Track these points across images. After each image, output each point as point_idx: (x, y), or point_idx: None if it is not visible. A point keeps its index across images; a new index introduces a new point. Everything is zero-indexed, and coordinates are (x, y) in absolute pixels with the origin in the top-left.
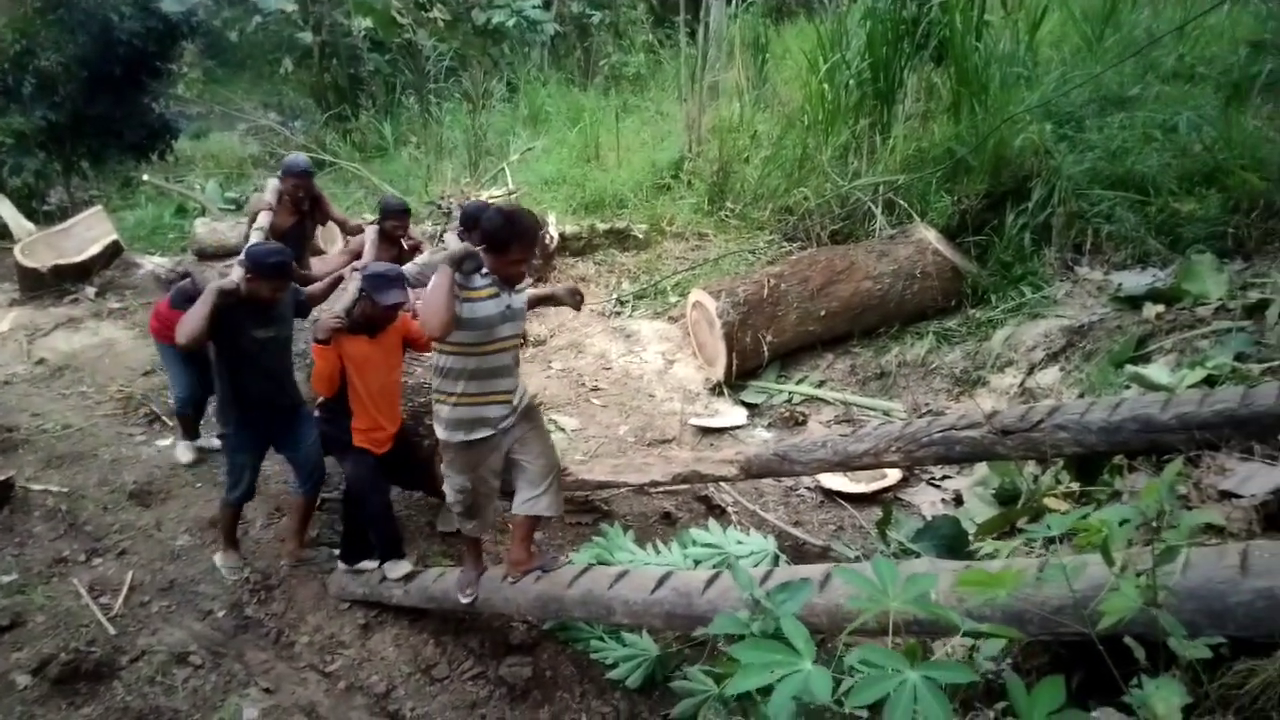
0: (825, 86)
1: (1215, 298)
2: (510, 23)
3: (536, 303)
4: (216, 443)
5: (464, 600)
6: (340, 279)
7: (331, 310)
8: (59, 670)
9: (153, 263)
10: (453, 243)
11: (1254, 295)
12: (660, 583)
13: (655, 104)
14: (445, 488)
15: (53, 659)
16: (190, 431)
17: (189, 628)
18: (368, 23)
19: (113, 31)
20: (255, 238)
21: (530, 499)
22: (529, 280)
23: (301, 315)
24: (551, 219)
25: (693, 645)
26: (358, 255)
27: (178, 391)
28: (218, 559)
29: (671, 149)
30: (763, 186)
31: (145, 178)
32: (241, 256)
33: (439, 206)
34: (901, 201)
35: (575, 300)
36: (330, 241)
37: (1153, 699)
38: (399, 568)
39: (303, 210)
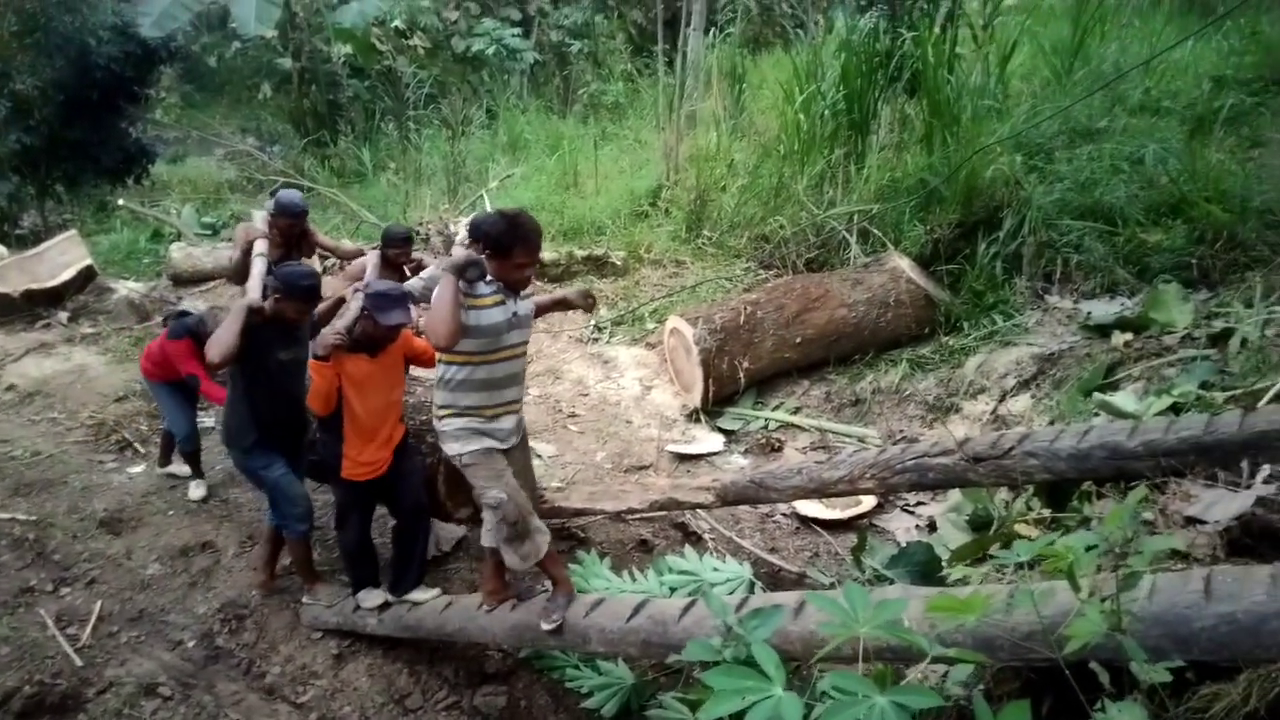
0: (801, 117)
1: (1181, 326)
2: (490, 51)
3: (547, 308)
4: (186, 469)
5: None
6: (342, 300)
7: (333, 327)
8: (23, 704)
9: (127, 288)
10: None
11: (1218, 324)
12: (636, 611)
13: (633, 132)
14: (485, 516)
15: (16, 692)
16: (197, 469)
17: (158, 658)
18: (348, 49)
19: (90, 56)
20: (258, 265)
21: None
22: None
23: (314, 336)
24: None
25: (669, 674)
26: (358, 279)
27: (178, 431)
28: (306, 599)
29: (649, 177)
30: (739, 215)
31: (121, 202)
32: (254, 281)
33: (417, 233)
34: (875, 230)
35: (588, 303)
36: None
37: None
38: (373, 597)
39: (291, 243)
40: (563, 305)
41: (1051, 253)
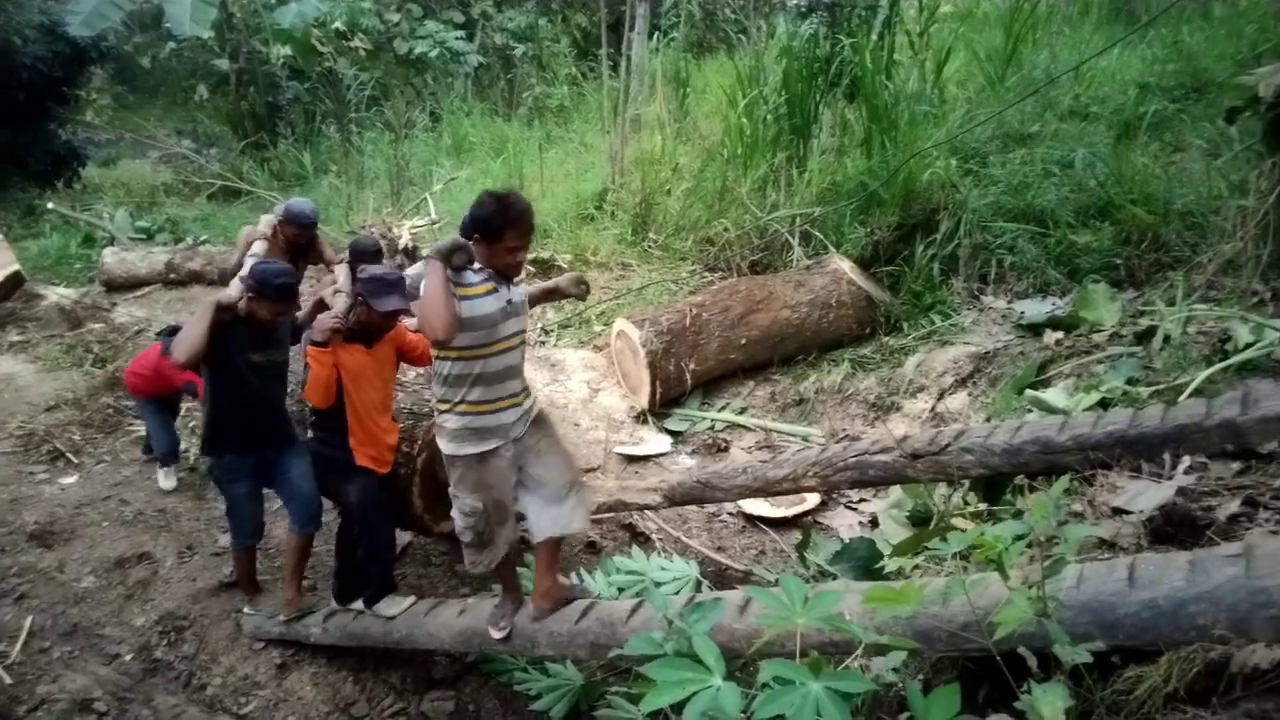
0: (744, 121)
1: (1109, 325)
2: (433, 53)
3: (539, 299)
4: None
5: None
6: (321, 301)
7: (329, 312)
8: None
9: (57, 294)
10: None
11: (1144, 322)
12: (584, 613)
13: (579, 135)
14: (454, 514)
15: None
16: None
17: (93, 673)
18: (286, 51)
19: (15, 56)
20: (248, 265)
21: (556, 518)
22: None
23: (294, 341)
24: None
25: (617, 673)
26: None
27: (161, 446)
28: (247, 610)
29: (595, 180)
30: (685, 218)
31: (50, 206)
32: (244, 273)
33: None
34: (817, 233)
35: (581, 290)
36: None
37: (1039, 703)
38: (397, 603)
39: (295, 252)
40: (555, 295)
41: (986, 254)
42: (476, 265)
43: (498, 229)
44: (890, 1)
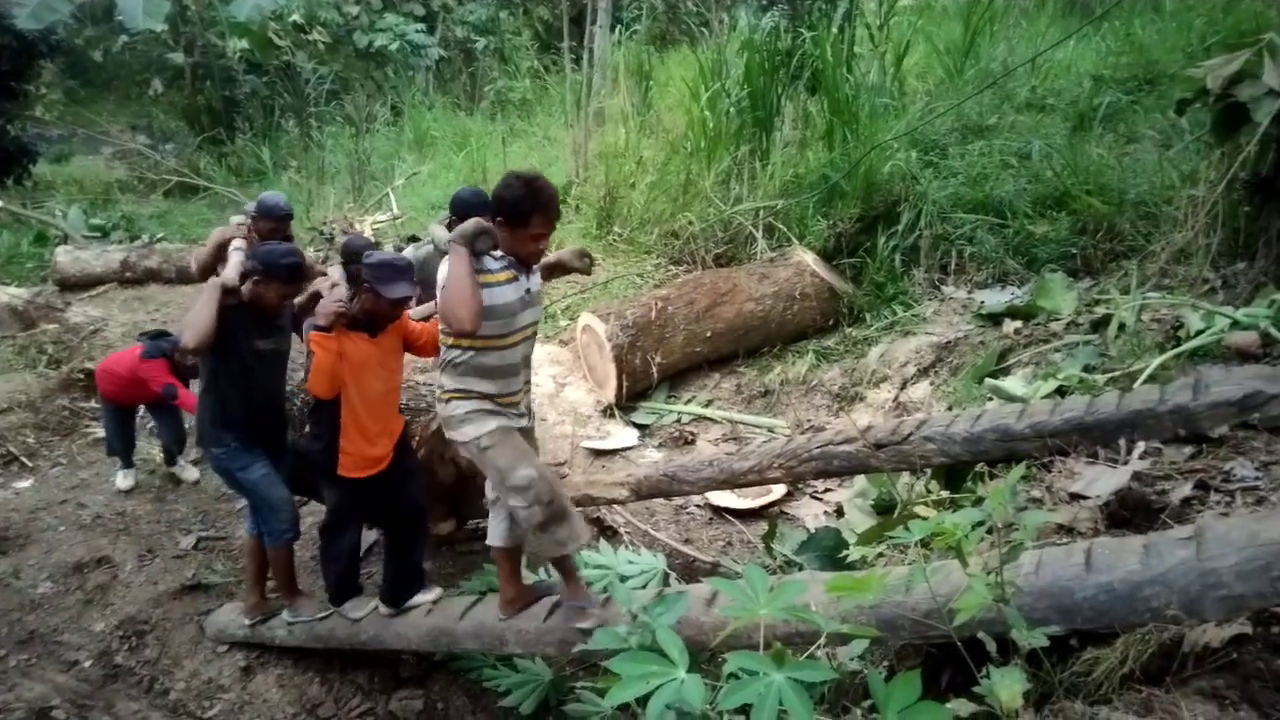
0: (707, 114)
1: (1066, 313)
2: (393, 46)
3: (544, 275)
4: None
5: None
6: (317, 293)
7: (333, 295)
8: None
9: (9, 294)
10: (438, 234)
11: (1099, 311)
12: (552, 610)
13: (542, 129)
14: (513, 502)
15: None
16: (128, 461)
17: (51, 681)
18: (243, 44)
19: None
20: (236, 256)
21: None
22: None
23: (295, 330)
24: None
25: (587, 668)
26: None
27: (117, 449)
28: (286, 615)
29: (559, 174)
30: (649, 211)
31: (0, 204)
32: (231, 268)
33: (321, 233)
34: (781, 225)
35: (585, 264)
36: None
37: (997, 687)
38: (361, 606)
39: None
40: (558, 270)
41: (947, 245)
42: (497, 251)
43: (525, 213)
44: None
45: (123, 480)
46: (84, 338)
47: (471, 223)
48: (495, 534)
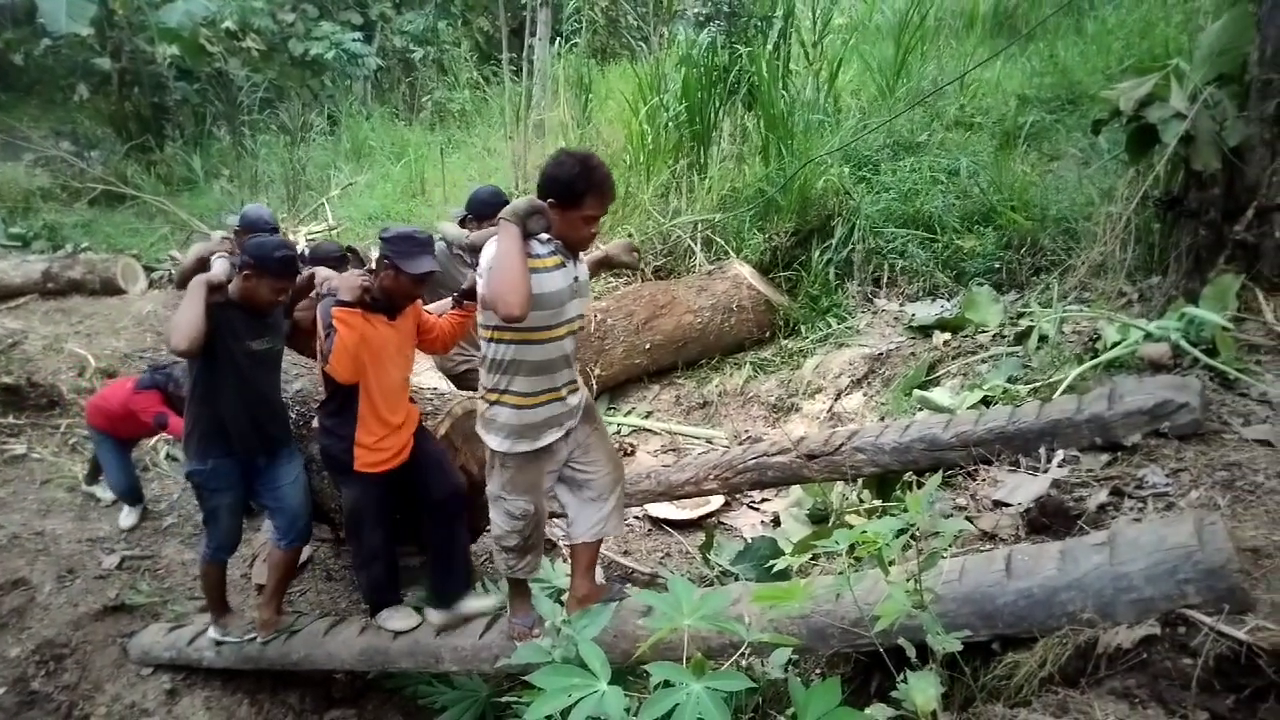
0: (646, 127)
1: (993, 326)
2: (330, 54)
3: (591, 272)
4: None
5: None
6: (310, 288)
7: (354, 271)
8: None
9: None
10: (450, 231)
11: (1023, 323)
12: (489, 626)
13: (482, 140)
14: (497, 517)
15: None
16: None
17: None
18: (173, 50)
19: None
20: (218, 266)
21: (596, 520)
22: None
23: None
24: (374, 255)
25: (524, 684)
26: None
27: (119, 487)
28: (213, 633)
29: (498, 185)
30: None
31: None
32: (220, 258)
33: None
34: (718, 238)
35: (633, 258)
36: (132, 280)
37: (912, 691)
38: (400, 617)
39: None
40: (606, 265)
41: (879, 258)
42: (544, 235)
43: (579, 194)
44: (785, 12)
45: (126, 518)
46: (2, 350)
47: (524, 200)
48: (581, 527)
